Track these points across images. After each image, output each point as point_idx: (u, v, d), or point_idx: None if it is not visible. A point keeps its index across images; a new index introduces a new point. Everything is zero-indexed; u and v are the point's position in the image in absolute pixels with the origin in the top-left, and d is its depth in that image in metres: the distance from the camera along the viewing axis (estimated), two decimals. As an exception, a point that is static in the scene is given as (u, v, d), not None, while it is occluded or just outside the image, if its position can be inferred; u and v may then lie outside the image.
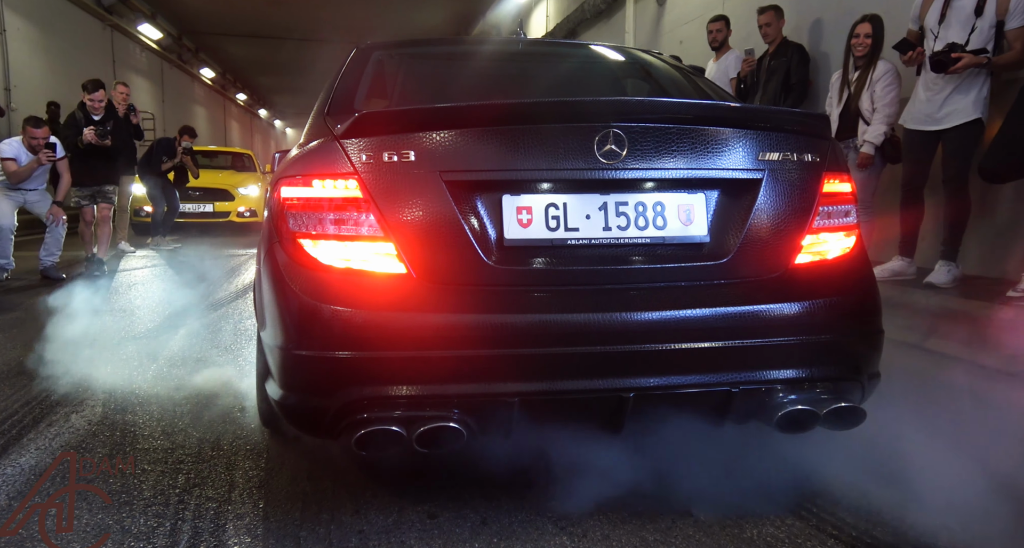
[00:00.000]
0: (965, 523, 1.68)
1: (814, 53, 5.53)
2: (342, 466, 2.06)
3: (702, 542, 1.66)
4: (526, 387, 1.60)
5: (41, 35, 12.06)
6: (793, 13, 5.58)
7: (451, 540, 1.67)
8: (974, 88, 3.74)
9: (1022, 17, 3.59)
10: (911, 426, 2.13)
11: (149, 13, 16.57)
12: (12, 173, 5.37)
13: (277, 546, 1.64)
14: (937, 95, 3.84)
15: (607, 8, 9.67)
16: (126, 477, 2.00)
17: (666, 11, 8.32)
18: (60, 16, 12.76)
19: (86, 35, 14.01)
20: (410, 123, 1.67)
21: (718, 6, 6.93)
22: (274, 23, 13.59)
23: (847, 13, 4.97)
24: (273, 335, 1.69)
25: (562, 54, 2.76)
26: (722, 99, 2.31)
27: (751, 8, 5.53)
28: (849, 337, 1.74)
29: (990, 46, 3.67)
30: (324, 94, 2.23)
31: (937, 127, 3.86)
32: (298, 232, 1.69)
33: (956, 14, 3.75)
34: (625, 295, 1.65)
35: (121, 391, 2.69)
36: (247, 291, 5.09)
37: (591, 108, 1.70)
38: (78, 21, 13.60)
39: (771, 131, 1.76)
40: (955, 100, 3.78)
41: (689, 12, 7.74)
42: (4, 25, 10.85)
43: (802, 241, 1.76)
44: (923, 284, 3.82)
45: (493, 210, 1.66)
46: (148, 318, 3.90)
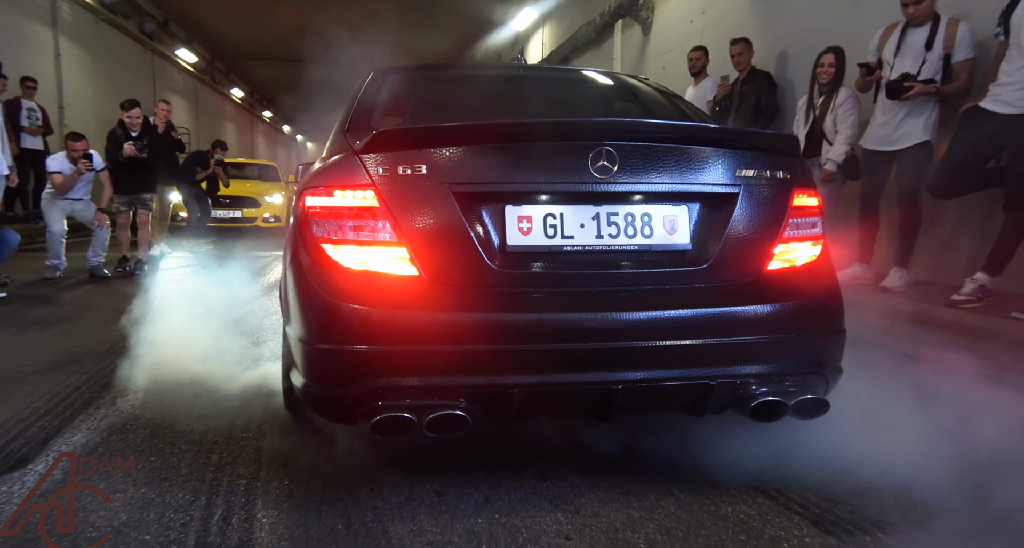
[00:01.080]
0: (908, 496, 1.67)
1: (781, 80, 5.53)
2: (358, 449, 2.05)
3: (682, 518, 1.65)
4: (525, 379, 1.60)
5: (91, 59, 12.02)
6: (762, 45, 5.60)
7: (457, 516, 1.66)
8: (924, 113, 3.75)
9: (966, 51, 3.62)
10: (866, 414, 2.12)
11: (186, 39, 16.52)
12: (59, 184, 5.47)
13: (301, 520, 1.63)
14: (892, 119, 3.84)
15: (597, 37, 9.67)
16: (166, 455, 1.98)
17: (650, 40, 8.32)
18: (107, 42, 12.73)
19: (130, 59, 13.97)
20: (423, 140, 1.66)
21: (697, 37, 6.94)
22: (296, 48, 13.67)
23: (810, 45, 4.98)
24: (297, 330, 1.68)
25: (558, 78, 2.76)
26: (702, 120, 2.30)
27: (726, 39, 5.54)
28: (815, 336, 1.74)
29: (939, 77, 3.68)
30: (344, 113, 2.21)
31: (892, 148, 3.86)
32: (321, 237, 1.68)
33: (909, 48, 3.76)
34: (615, 297, 1.65)
35: (160, 378, 2.67)
36: (272, 288, 5.06)
37: (586, 128, 1.70)
38: (123, 46, 13.56)
39: (747, 150, 1.76)
40: (908, 124, 3.79)
41: (671, 41, 7.74)
42: (59, 50, 10.85)
43: (774, 249, 1.76)
44: (879, 288, 3.82)
45: (497, 219, 1.65)
46: (184, 312, 3.86)
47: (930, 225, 3.95)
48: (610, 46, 9.44)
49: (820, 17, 5.22)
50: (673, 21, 7.73)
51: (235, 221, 9.86)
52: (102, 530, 1.56)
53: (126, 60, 13.73)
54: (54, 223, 5.44)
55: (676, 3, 7.63)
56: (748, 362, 1.66)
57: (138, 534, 1.55)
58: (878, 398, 2.22)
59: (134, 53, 14.20)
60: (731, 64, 5.47)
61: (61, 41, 10.92)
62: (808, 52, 4.96)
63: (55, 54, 10.78)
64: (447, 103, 2.42)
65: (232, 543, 1.52)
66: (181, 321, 3.52)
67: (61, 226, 5.48)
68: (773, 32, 5.79)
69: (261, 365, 2.81)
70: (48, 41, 10.68)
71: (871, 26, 4.16)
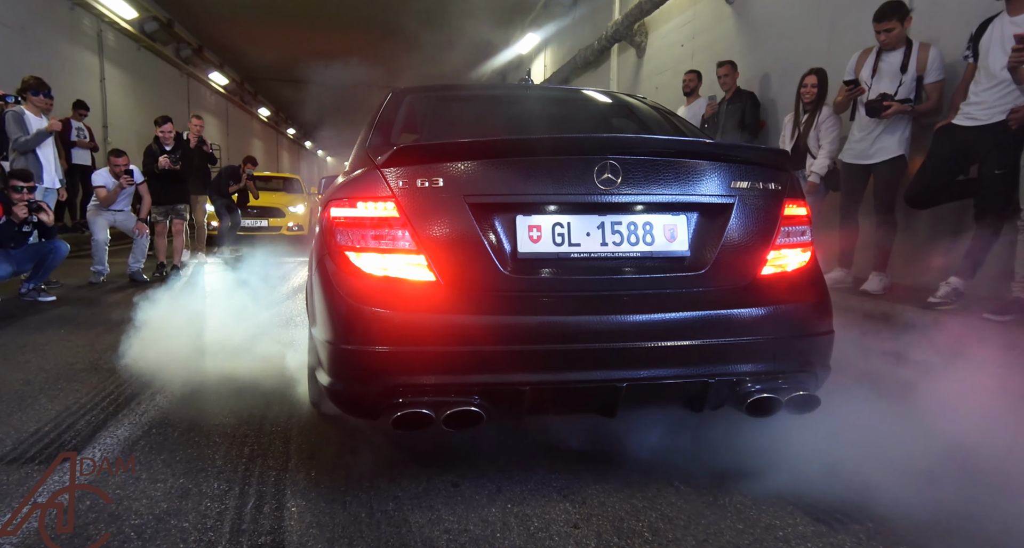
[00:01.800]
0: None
1: (764, 99, 5.51)
2: (378, 442, 2.02)
3: (682, 507, 1.63)
4: (535, 378, 1.57)
5: (132, 81, 12.09)
6: (746, 67, 5.59)
7: (472, 505, 1.63)
8: (898, 130, 3.73)
9: (937, 73, 3.61)
10: (853, 410, 2.09)
11: (218, 63, 16.60)
12: (103, 198, 5.53)
13: (328, 509, 1.61)
14: (869, 136, 3.82)
15: (595, 60, 9.65)
16: (202, 448, 1.96)
17: (644, 62, 8.31)
18: (147, 66, 12.81)
19: (167, 82, 14.04)
20: (440, 155, 1.65)
21: (687, 60, 6.92)
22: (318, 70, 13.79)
23: (791, 68, 4.97)
24: (323, 331, 1.66)
25: (563, 97, 2.74)
26: (695, 136, 2.28)
27: (714, 62, 5.53)
28: (805, 336, 1.71)
29: (912, 96, 3.65)
30: (366, 129, 2.20)
31: (869, 161, 3.84)
32: (345, 245, 1.67)
33: (886, 70, 3.74)
34: (619, 300, 1.62)
35: (196, 376, 2.65)
36: (297, 292, 5.05)
37: (591, 142, 1.68)
38: (161, 70, 13.64)
39: (741, 163, 1.74)
40: (883, 140, 3.76)
41: (664, 64, 7.73)
42: (104, 74, 10.95)
43: (767, 256, 1.73)
44: (859, 291, 3.78)
45: (508, 228, 1.63)
46: (217, 314, 3.85)
47: (906, 233, 3.91)
48: (607, 68, 9.42)
49: (799, 43, 5.21)
50: (665, 45, 7.72)
51: (262, 230, 9.89)
52: (145, 518, 1.54)
53: (164, 83, 13.81)
54: (98, 232, 5.48)
55: (668, 29, 7.62)
56: (743, 361, 1.63)
57: (178, 521, 1.53)
58: (863, 394, 2.18)
59: (171, 77, 14.29)
60: (716, 86, 5.45)
61: (106, 67, 11.01)
62: (789, 74, 4.95)
63: (100, 78, 10.86)
64: (460, 120, 2.41)
65: (264, 530, 1.50)
66: (214, 322, 3.51)
67: (105, 235, 5.53)
68: (757, 56, 5.77)
69: (289, 364, 2.79)
70: (95, 67, 10.75)
71: (845, 51, 4.15)
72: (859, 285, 3.82)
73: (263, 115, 23.49)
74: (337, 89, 18.10)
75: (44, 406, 2.33)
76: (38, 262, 4.45)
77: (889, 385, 2.22)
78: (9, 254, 4.29)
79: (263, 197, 9.65)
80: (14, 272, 4.34)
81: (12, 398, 2.41)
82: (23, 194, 4.29)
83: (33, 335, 3.47)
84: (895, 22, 3.58)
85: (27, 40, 8.58)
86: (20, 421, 2.17)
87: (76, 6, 9.97)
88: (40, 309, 4.23)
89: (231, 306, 3.98)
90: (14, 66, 7.68)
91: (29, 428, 2.11)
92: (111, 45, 11.23)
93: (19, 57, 8.21)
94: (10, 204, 4.27)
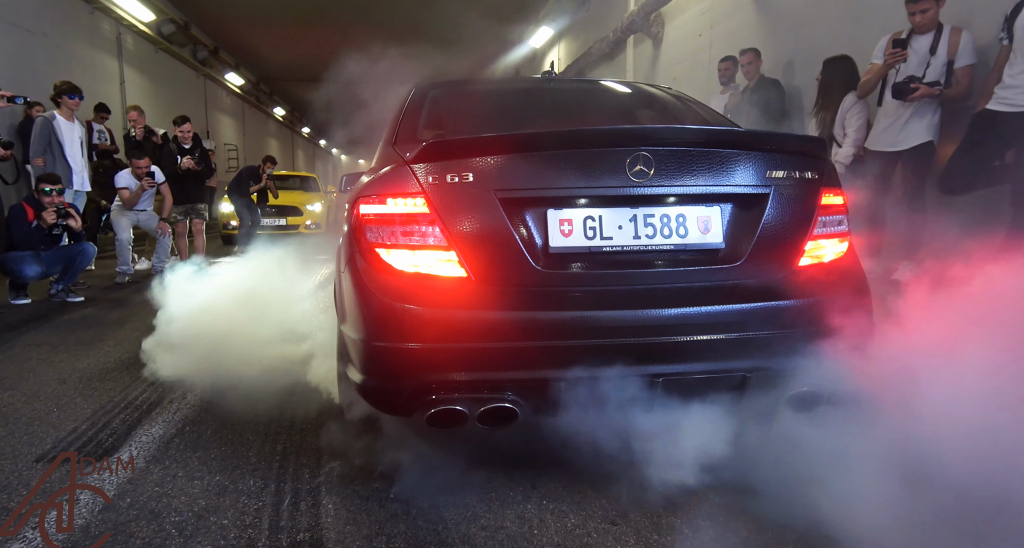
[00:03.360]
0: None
1: (788, 88, 5.40)
2: (410, 439, 2.01)
3: (719, 504, 1.59)
4: (569, 373, 1.55)
5: (150, 84, 12.24)
6: (768, 55, 5.47)
7: (507, 502, 1.63)
8: (927, 115, 3.63)
9: (968, 58, 3.50)
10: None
11: (233, 64, 16.74)
12: (126, 199, 5.64)
13: (363, 504, 1.61)
14: (896, 122, 3.73)
15: (610, 52, 9.55)
16: (235, 445, 1.97)
17: (661, 53, 8.20)
18: (165, 68, 12.96)
19: (185, 83, 14.20)
20: (469, 149, 1.63)
21: (706, 50, 6.81)
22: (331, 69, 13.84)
23: (814, 55, 4.85)
24: (354, 329, 1.66)
25: (587, 89, 2.70)
26: (728, 125, 2.23)
27: (733, 52, 5.42)
28: (845, 328, 1.66)
29: (942, 81, 3.55)
30: (391, 125, 2.18)
31: (896, 148, 3.74)
32: (375, 242, 1.66)
33: (915, 53, 3.64)
34: (652, 294, 1.59)
35: (226, 373, 2.66)
36: (318, 289, 5.07)
37: (623, 134, 1.65)
38: (178, 72, 13.79)
39: (776, 152, 1.69)
40: (912, 126, 3.67)
41: (681, 54, 7.62)
42: (123, 77, 11.11)
43: (804, 247, 1.69)
44: (889, 280, 3.69)
45: (539, 222, 1.61)
46: (242, 311, 3.89)
47: (935, 220, 3.81)
48: (623, 60, 9.32)
49: (822, 29, 5.09)
50: (683, 35, 7.60)
51: (280, 228, 9.98)
52: (185, 515, 1.56)
53: (182, 85, 13.96)
54: (122, 231, 5.61)
55: (686, 18, 7.51)
56: (782, 355, 1.59)
57: (217, 518, 1.54)
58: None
59: (189, 78, 14.44)
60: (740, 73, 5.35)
61: (126, 70, 11.15)
62: (812, 62, 4.83)
63: (120, 81, 11.00)
64: (485, 114, 2.38)
65: (302, 527, 1.51)
66: (240, 319, 3.54)
67: (128, 234, 5.65)
68: (779, 44, 5.65)
69: (318, 359, 2.80)
70: (115, 70, 10.89)
71: (870, 36, 4.04)
72: (889, 274, 3.74)
73: (278, 114, 23.68)
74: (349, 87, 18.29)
75: (80, 405, 2.37)
76: (67, 264, 4.53)
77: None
78: (40, 255, 4.37)
79: (281, 196, 9.72)
80: (44, 273, 4.42)
81: (50, 397, 2.45)
82: (52, 197, 4.37)
83: (65, 335, 3.53)
84: (931, 2, 3.49)
85: (49, 45, 8.71)
86: (59, 419, 2.21)
87: (95, 10, 10.10)
88: (69, 310, 4.30)
89: (256, 302, 4.01)
90: (38, 71, 7.81)
91: (67, 426, 2.14)
92: (130, 48, 11.37)
93: (42, 62, 8.33)
94: (40, 207, 4.35)
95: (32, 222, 4.31)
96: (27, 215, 4.30)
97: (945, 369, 2.00)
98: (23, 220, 4.29)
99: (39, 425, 2.15)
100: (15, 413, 2.27)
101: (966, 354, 2.17)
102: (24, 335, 3.53)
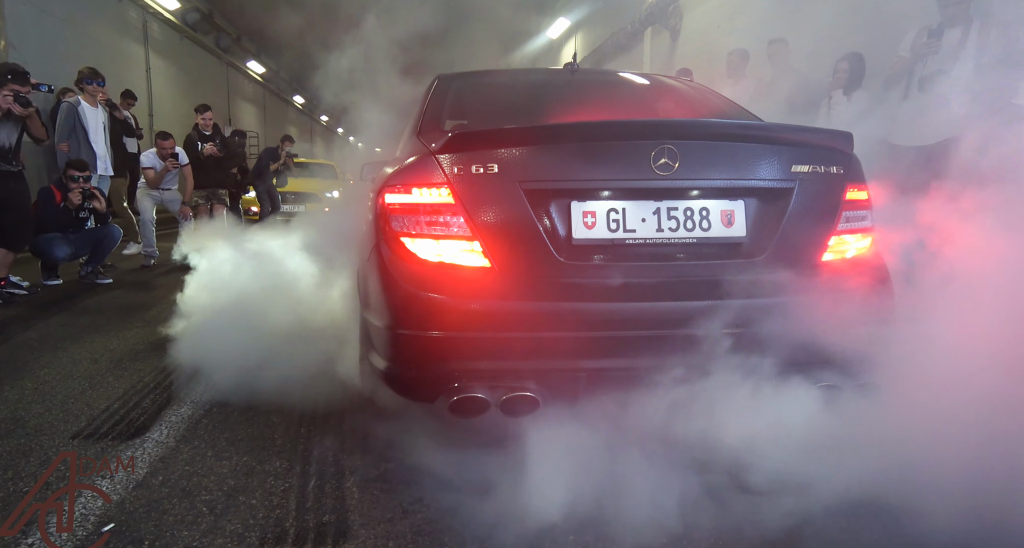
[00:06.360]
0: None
1: (807, 81, 5.27)
2: (431, 425, 2.02)
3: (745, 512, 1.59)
4: (591, 364, 1.55)
5: (175, 71, 12.32)
6: (794, 44, 5.35)
7: (535, 492, 1.62)
8: (954, 109, 3.52)
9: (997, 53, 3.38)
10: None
11: (255, 52, 16.78)
12: (151, 179, 5.72)
13: (388, 487, 1.63)
14: (922, 116, 3.63)
15: (627, 44, 9.42)
16: (261, 427, 2.00)
17: (679, 45, 8.07)
18: (189, 56, 13.03)
19: (208, 70, 14.28)
20: (495, 141, 1.61)
21: (723, 42, 6.68)
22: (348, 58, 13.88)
23: (833, 50, 4.73)
24: (378, 316, 1.66)
25: (610, 81, 2.66)
26: (752, 119, 2.19)
27: (752, 44, 5.31)
28: (868, 324, 1.64)
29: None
30: (416, 116, 2.17)
31: (921, 143, 3.65)
32: (400, 232, 1.65)
33: (944, 47, 3.53)
34: (675, 286, 1.58)
35: (252, 357, 2.68)
36: (340, 274, 5.09)
37: (649, 127, 1.63)
38: (202, 59, 13.86)
39: (802, 147, 1.66)
40: (938, 119, 3.57)
41: (699, 46, 7.49)
42: (149, 64, 11.19)
43: (828, 242, 1.66)
44: (905, 276, 3.64)
45: (563, 214, 1.60)
46: (265, 296, 3.92)
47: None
48: (640, 52, 9.19)
49: (843, 23, 4.96)
50: (702, 27, 7.47)
51: (299, 215, 10.06)
52: (215, 494, 1.58)
53: (205, 72, 14.05)
54: (146, 212, 5.72)
55: (705, 9, 7.37)
56: (804, 349, 1.57)
57: (246, 498, 1.56)
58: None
59: (212, 65, 14.52)
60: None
61: (151, 57, 11.23)
62: (832, 56, 4.72)
63: (146, 68, 11.09)
64: (508, 106, 2.36)
65: (328, 508, 1.53)
66: (264, 304, 3.56)
67: (151, 215, 5.75)
68: (799, 36, 5.52)
69: (340, 345, 2.81)
70: (140, 57, 10.98)
71: (894, 29, 3.93)
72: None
73: (297, 102, 23.73)
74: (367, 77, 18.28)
75: (112, 384, 2.41)
76: (95, 246, 4.61)
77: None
78: (68, 237, 4.45)
79: (301, 183, 9.77)
80: (72, 254, 4.50)
81: (83, 376, 2.50)
82: (79, 183, 4.43)
83: (95, 317, 3.59)
84: None
85: (78, 32, 8.78)
86: (92, 398, 2.25)
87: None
88: (99, 291, 4.38)
89: (279, 286, 4.03)
90: (68, 58, 7.87)
91: (100, 405, 2.18)
92: (155, 36, 11.44)
93: (72, 49, 8.41)
94: (68, 191, 4.42)
95: (60, 204, 4.38)
96: (55, 197, 4.38)
97: (968, 363, 1.95)
98: (51, 202, 4.37)
99: (74, 403, 2.20)
100: (52, 391, 2.32)
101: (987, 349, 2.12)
102: (57, 315, 3.60)
